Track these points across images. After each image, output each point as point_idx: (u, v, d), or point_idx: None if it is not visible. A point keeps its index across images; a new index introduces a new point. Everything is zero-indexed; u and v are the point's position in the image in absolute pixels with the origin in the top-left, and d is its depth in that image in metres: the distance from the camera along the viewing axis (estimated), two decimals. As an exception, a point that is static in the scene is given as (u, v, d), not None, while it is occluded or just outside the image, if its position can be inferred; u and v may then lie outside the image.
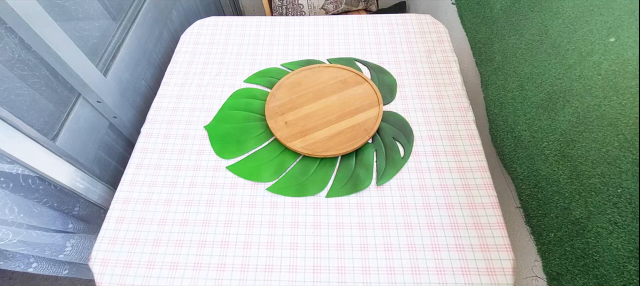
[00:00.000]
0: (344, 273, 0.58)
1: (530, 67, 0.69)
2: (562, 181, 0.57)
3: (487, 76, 0.82)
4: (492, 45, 0.82)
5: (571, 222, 0.54)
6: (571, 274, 0.53)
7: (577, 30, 0.61)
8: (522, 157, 0.67)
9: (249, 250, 0.61)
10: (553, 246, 0.57)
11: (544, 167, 0.61)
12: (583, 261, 0.51)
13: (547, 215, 0.59)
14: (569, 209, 0.55)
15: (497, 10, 0.82)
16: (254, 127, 0.76)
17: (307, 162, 0.71)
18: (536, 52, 0.69)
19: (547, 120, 0.63)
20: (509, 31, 0.77)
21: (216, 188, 0.68)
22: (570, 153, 0.57)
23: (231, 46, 0.93)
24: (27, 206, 0.64)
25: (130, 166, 0.72)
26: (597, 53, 0.56)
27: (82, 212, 0.76)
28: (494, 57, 0.80)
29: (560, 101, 0.61)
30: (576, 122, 0.57)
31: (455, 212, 0.64)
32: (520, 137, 0.68)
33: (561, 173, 0.58)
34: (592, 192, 0.52)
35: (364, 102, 0.77)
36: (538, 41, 0.69)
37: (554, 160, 0.60)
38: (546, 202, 0.60)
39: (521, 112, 0.69)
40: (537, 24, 0.70)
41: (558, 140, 0.59)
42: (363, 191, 0.67)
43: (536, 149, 0.64)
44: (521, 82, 0.70)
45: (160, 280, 0.58)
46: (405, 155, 0.71)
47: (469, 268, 0.58)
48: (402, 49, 0.90)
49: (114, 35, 0.84)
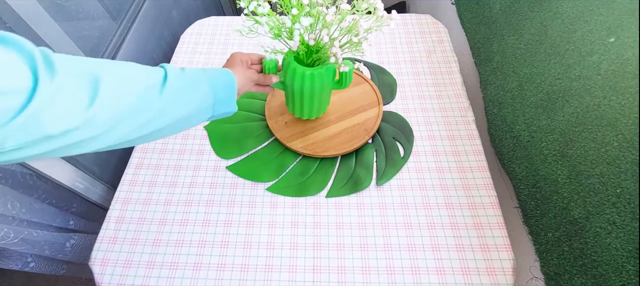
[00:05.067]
0: (344, 273, 0.58)
1: (529, 67, 0.69)
2: (561, 181, 0.57)
3: (486, 76, 0.82)
4: (491, 45, 0.82)
5: (570, 222, 0.55)
6: (569, 274, 0.53)
7: (577, 30, 0.61)
8: (520, 157, 0.67)
9: (249, 250, 0.61)
10: (551, 246, 0.57)
11: (542, 167, 0.61)
12: (581, 261, 0.52)
13: (546, 214, 0.59)
14: (567, 209, 0.55)
15: (496, 10, 0.82)
16: (254, 127, 0.76)
17: (307, 162, 0.71)
18: (535, 52, 0.69)
19: (546, 120, 0.63)
20: (508, 31, 0.77)
21: (216, 188, 0.68)
22: (569, 153, 0.57)
23: (231, 46, 0.93)
24: (28, 202, 0.64)
25: (130, 166, 0.72)
26: (597, 53, 0.57)
27: (81, 209, 0.76)
28: (493, 57, 0.80)
29: (559, 101, 0.61)
30: (575, 122, 0.57)
31: (455, 212, 0.64)
32: (519, 136, 0.68)
33: (560, 173, 0.58)
34: (591, 191, 0.52)
35: (364, 102, 0.77)
36: (537, 41, 0.69)
37: (552, 160, 0.60)
38: (545, 202, 0.60)
39: (520, 111, 0.69)
40: (536, 23, 0.70)
41: (557, 140, 0.60)
42: (363, 191, 0.67)
43: (535, 149, 0.64)
44: (520, 82, 0.71)
45: (160, 280, 0.58)
46: (405, 155, 0.71)
47: (469, 268, 0.58)
48: (402, 49, 0.90)
49: (114, 35, 0.84)
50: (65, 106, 0.30)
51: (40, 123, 0.28)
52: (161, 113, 0.39)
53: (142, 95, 0.36)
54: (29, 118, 0.27)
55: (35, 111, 0.27)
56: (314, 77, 0.60)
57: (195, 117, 0.46)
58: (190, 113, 0.44)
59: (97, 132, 0.33)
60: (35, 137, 0.28)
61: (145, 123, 0.37)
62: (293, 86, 0.62)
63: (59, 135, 0.30)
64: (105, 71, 0.33)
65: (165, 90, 0.39)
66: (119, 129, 0.35)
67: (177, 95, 0.41)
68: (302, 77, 0.60)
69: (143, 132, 0.38)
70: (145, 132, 0.38)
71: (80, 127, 0.31)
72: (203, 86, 0.45)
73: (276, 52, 0.59)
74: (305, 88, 0.62)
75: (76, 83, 0.31)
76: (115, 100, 0.33)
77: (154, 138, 0.41)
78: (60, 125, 0.29)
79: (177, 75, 0.42)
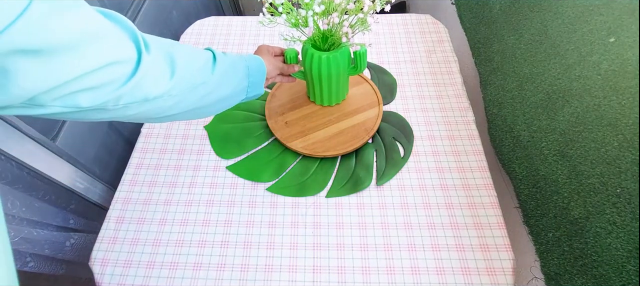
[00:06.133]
0: (344, 273, 0.58)
1: (529, 67, 0.69)
2: (561, 181, 0.57)
3: (486, 76, 0.82)
4: (491, 45, 0.82)
5: (570, 222, 0.55)
6: (569, 274, 0.53)
7: (577, 30, 0.61)
8: (520, 157, 0.67)
9: (249, 250, 0.61)
10: (551, 246, 0.57)
11: (542, 167, 0.61)
12: (581, 261, 0.51)
13: (546, 214, 0.59)
14: (567, 209, 0.55)
15: (496, 10, 0.82)
16: (254, 127, 0.76)
17: (307, 162, 0.71)
18: (535, 52, 0.69)
19: (546, 120, 0.63)
20: (508, 31, 0.77)
21: (216, 188, 0.68)
22: (569, 153, 0.57)
23: (231, 46, 0.93)
24: (28, 201, 0.64)
25: (130, 166, 0.72)
26: (597, 53, 0.57)
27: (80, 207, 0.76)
28: (493, 57, 0.80)
29: (559, 101, 0.61)
30: (575, 122, 0.57)
31: (455, 211, 0.64)
32: (519, 136, 0.68)
33: (560, 173, 0.58)
34: (591, 191, 0.52)
35: (364, 102, 0.77)
36: (537, 41, 0.69)
37: (552, 160, 0.60)
38: (545, 202, 0.60)
39: (520, 112, 0.69)
40: (536, 24, 0.70)
41: (557, 140, 0.60)
42: (363, 191, 0.67)
43: (535, 149, 0.64)
44: (520, 82, 0.71)
45: (160, 280, 0.58)
46: (405, 155, 0.71)
47: (469, 268, 0.58)
48: (402, 49, 0.90)
49: (113, 35, 0.84)
50: (157, 76, 0.37)
51: (142, 88, 0.35)
52: (215, 88, 0.46)
53: (202, 71, 0.44)
54: (136, 82, 0.34)
55: (141, 77, 0.34)
56: (329, 60, 0.65)
57: (233, 97, 0.52)
58: (232, 92, 0.51)
59: (174, 102, 0.40)
60: (138, 99, 0.35)
61: (202, 97, 0.44)
62: (311, 72, 0.68)
63: (153, 98, 0.37)
64: (176, 50, 0.40)
65: (216, 69, 0.46)
66: (187, 100, 0.42)
67: (224, 74, 0.47)
68: (319, 61, 0.65)
69: (200, 104, 0.45)
70: (200, 105, 0.45)
71: (163, 95, 0.38)
72: (241, 69, 0.52)
73: (294, 39, 0.64)
74: (322, 72, 0.67)
75: (162, 58, 0.38)
76: (186, 74, 0.41)
77: (203, 115, 0.49)
78: (154, 91, 0.37)
79: (222, 57, 0.48)
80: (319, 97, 0.75)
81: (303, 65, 0.69)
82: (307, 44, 0.66)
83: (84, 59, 0.28)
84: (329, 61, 0.65)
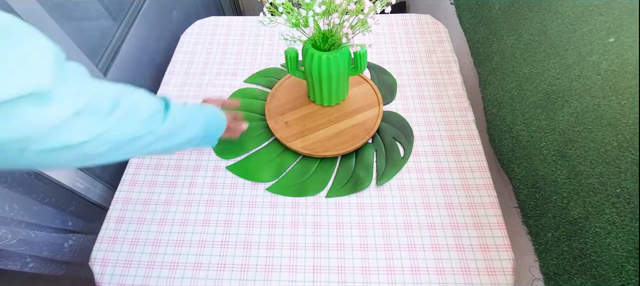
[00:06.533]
0: (344, 273, 0.58)
1: (528, 67, 0.69)
2: (560, 181, 0.57)
3: (486, 76, 0.82)
4: (490, 45, 0.82)
5: (569, 222, 0.55)
6: (568, 274, 0.53)
7: (577, 30, 0.61)
8: (520, 157, 0.67)
9: (249, 250, 0.61)
10: (551, 246, 0.57)
11: (542, 167, 0.61)
12: (581, 261, 0.52)
13: (545, 214, 0.59)
14: (567, 209, 0.55)
15: (495, 10, 0.82)
16: (254, 127, 0.76)
17: (307, 162, 0.71)
18: (535, 52, 0.69)
19: (545, 120, 0.63)
20: (508, 31, 0.77)
21: (216, 188, 0.68)
22: (568, 153, 0.57)
23: (231, 46, 0.93)
24: (27, 204, 0.64)
25: (130, 166, 0.72)
26: (597, 53, 0.57)
27: (79, 209, 0.76)
28: (492, 57, 0.80)
29: (559, 101, 0.61)
30: (575, 122, 0.57)
31: (455, 211, 0.64)
32: (518, 136, 0.68)
33: (559, 173, 0.58)
34: (591, 191, 0.52)
35: (364, 102, 0.77)
36: (537, 41, 0.69)
37: (552, 160, 0.60)
38: (544, 202, 0.60)
39: (519, 111, 0.69)
40: (536, 23, 0.70)
41: (556, 140, 0.60)
42: (363, 191, 0.67)
43: (534, 149, 0.64)
44: (520, 82, 0.71)
45: (160, 280, 0.58)
46: (405, 155, 0.71)
47: (469, 268, 0.58)
48: (402, 49, 0.90)
49: (114, 35, 0.84)
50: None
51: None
52: (162, 138, 0.45)
53: (148, 120, 0.42)
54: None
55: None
56: (330, 60, 0.65)
57: (183, 146, 0.52)
58: (183, 142, 0.50)
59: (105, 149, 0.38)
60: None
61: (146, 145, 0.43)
62: (312, 72, 0.67)
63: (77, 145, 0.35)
64: (123, 99, 0.39)
65: (167, 119, 0.45)
66: (129, 146, 0.41)
67: (178, 126, 0.47)
68: (320, 61, 0.65)
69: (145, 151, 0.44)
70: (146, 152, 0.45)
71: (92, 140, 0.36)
72: (199, 123, 0.52)
73: (294, 39, 0.64)
74: (322, 72, 0.67)
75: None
76: (129, 122, 0.39)
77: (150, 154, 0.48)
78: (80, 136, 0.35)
79: (179, 108, 0.47)
80: (319, 97, 0.75)
81: (303, 65, 0.69)
82: (308, 44, 0.66)
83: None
84: (329, 61, 0.65)
